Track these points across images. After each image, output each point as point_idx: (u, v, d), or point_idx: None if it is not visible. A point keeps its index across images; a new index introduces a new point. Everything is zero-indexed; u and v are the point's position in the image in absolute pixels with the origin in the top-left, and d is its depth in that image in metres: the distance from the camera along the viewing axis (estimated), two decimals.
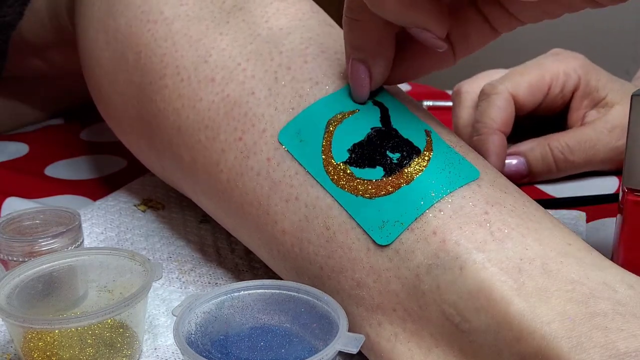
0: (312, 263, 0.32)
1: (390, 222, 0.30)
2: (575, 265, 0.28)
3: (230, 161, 0.35)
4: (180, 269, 0.42)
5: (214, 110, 0.36)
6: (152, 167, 0.45)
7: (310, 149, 0.33)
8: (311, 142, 0.33)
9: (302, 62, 0.36)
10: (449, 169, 0.31)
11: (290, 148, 0.33)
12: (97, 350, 0.32)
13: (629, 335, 0.25)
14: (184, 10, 0.40)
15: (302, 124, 0.33)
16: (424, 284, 0.29)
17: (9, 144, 0.66)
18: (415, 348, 0.29)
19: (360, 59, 0.32)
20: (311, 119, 0.33)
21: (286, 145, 0.33)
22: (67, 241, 0.39)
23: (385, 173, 0.31)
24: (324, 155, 0.32)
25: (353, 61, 0.33)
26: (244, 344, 0.31)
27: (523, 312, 0.26)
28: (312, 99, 0.34)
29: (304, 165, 0.33)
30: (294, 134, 0.33)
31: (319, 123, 0.33)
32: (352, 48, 0.32)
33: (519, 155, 0.54)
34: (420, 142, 0.32)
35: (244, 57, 0.37)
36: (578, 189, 0.54)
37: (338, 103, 0.33)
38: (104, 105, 0.47)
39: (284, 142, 0.33)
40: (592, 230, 0.47)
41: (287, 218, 0.33)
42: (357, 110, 0.33)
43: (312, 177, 0.32)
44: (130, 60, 0.41)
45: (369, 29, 0.31)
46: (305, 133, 0.33)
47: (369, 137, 0.32)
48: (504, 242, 0.28)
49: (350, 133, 0.32)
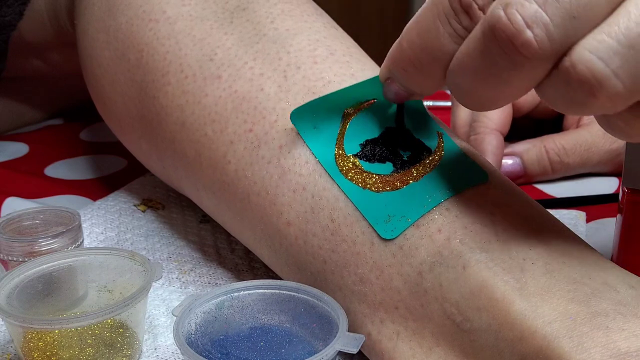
0: (316, 257, 0.32)
1: (396, 216, 0.30)
2: (577, 265, 0.28)
3: (240, 152, 0.35)
4: (180, 269, 0.42)
5: (221, 105, 0.37)
6: (152, 166, 0.45)
7: (323, 138, 0.33)
8: (325, 130, 0.33)
9: (312, 62, 0.36)
10: (458, 170, 0.31)
11: (302, 131, 0.33)
12: (97, 350, 0.32)
13: (630, 335, 0.25)
14: (186, 10, 0.40)
15: (319, 108, 0.33)
16: (426, 282, 0.29)
17: (9, 144, 0.65)
18: (417, 347, 0.29)
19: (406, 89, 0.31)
20: (329, 106, 0.33)
21: (298, 127, 0.33)
22: (67, 241, 0.39)
23: (395, 169, 0.31)
24: (337, 146, 0.32)
25: (393, 83, 0.31)
26: (244, 344, 0.31)
27: (524, 312, 0.26)
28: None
29: (314, 153, 0.33)
30: (308, 118, 0.33)
31: (336, 112, 0.33)
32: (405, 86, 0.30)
33: (514, 155, 0.54)
34: (432, 142, 0.32)
35: (250, 56, 0.37)
36: (578, 189, 0.54)
37: (356, 93, 0.33)
38: (103, 105, 0.47)
39: (296, 123, 0.33)
40: (592, 230, 0.47)
41: (293, 209, 0.33)
42: (374, 100, 0.33)
43: (322, 166, 0.32)
44: (132, 59, 0.41)
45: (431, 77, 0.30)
46: (321, 120, 0.33)
47: (381, 135, 0.32)
48: (507, 242, 0.28)
49: (365, 128, 0.33)
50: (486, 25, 0.24)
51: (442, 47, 0.27)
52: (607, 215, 0.49)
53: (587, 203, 0.51)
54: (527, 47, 0.23)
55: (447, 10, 0.26)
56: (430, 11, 0.27)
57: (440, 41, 0.27)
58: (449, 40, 0.26)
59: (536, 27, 0.23)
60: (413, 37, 0.28)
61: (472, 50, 0.25)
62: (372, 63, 0.38)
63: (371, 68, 0.37)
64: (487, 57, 0.24)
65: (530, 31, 0.23)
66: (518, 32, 0.23)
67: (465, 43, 0.26)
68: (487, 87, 0.25)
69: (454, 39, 0.26)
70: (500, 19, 0.23)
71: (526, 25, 0.23)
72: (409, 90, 0.30)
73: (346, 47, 0.38)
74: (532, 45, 0.23)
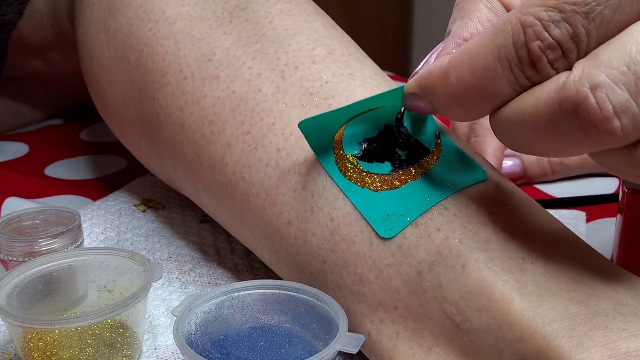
0: (315, 257, 0.32)
1: (395, 215, 0.30)
2: (577, 265, 0.28)
3: (237, 154, 0.35)
4: (180, 269, 0.42)
5: (219, 106, 0.37)
6: (152, 167, 0.45)
7: (322, 137, 0.32)
8: (326, 131, 0.32)
9: (310, 62, 0.36)
10: (457, 168, 0.31)
11: (306, 134, 0.31)
12: (97, 350, 0.32)
13: (630, 335, 0.25)
14: (186, 10, 0.40)
15: (326, 119, 0.32)
16: (425, 282, 0.29)
17: (9, 144, 0.65)
18: (416, 347, 0.29)
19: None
20: (336, 117, 0.32)
21: (304, 132, 0.31)
22: (67, 241, 0.39)
23: (393, 168, 0.31)
24: (335, 145, 0.32)
25: (420, 100, 0.29)
26: (244, 344, 0.31)
27: (524, 311, 0.26)
28: (324, 96, 0.34)
29: (314, 152, 0.32)
30: (314, 125, 0.32)
31: (341, 120, 0.32)
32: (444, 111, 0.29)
33: (514, 156, 0.54)
34: (430, 142, 0.32)
35: (248, 56, 0.37)
36: (578, 189, 0.54)
37: (369, 106, 0.32)
38: (103, 106, 0.47)
39: (303, 129, 0.31)
40: (592, 230, 0.47)
41: (293, 209, 0.33)
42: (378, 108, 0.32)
43: (321, 165, 0.32)
44: (132, 59, 0.41)
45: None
46: (325, 125, 0.32)
47: (380, 134, 0.32)
48: (507, 241, 0.28)
49: (363, 127, 0.32)
50: (568, 100, 0.23)
51: (497, 91, 0.25)
52: (607, 215, 0.49)
53: (587, 203, 0.51)
54: (611, 134, 0.22)
55: (512, 56, 0.24)
56: (491, 52, 0.25)
57: (497, 85, 0.25)
58: (507, 86, 0.25)
59: (625, 117, 0.22)
60: (465, 74, 0.25)
61: (541, 112, 0.24)
62: (372, 62, 0.38)
63: (370, 67, 0.37)
64: (560, 126, 0.23)
65: (618, 120, 0.22)
66: (605, 119, 0.22)
67: (534, 100, 0.24)
68: (546, 145, 0.24)
69: (513, 86, 0.25)
70: (587, 100, 0.22)
71: (615, 114, 0.22)
72: (439, 113, 0.28)
73: (345, 46, 0.38)
74: (617, 133, 0.22)
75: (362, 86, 0.35)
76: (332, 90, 0.34)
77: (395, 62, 1.91)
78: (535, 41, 0.23)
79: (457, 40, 0.29)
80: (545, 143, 0.24)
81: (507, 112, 0.25)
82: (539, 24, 0.23)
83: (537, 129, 0.24)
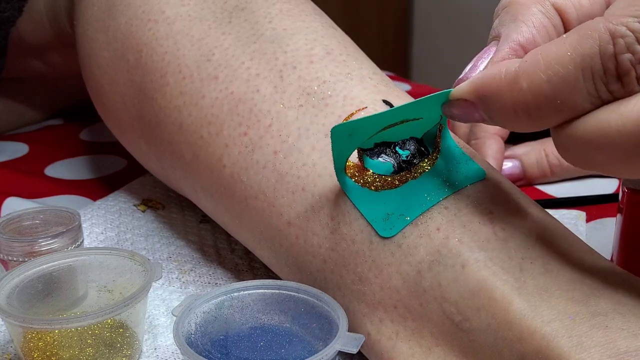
0: (315, 256, 0.32)
1: (395, 215, 0.30)
2: (576, 265, 0.28)
3: (234, 156, 0.35)
4: (180, 269, 0.42)
5: (218, 107, 0.37)
6: (151, 167, 0.45)
7: (350, 144, 0.31)
8: (356, 138, 0.30)
9: (308, 62, 0.36)
10: (456, 168, 0.31)
11: (334, 141, 0.30)
12: (97, 350, 0.32)
13: (630, 335, 0.25)
14: (185, 10, 0.40)
15: (359, 126, 0.30)
16: (425, 281, 0.29)
17: (9, 144, 0.65)
18: (416, 347, 0.29)
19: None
20: (370, 125, 0.30)
21: (333, 138, 0.30)
22: (67, 241, 0.39)
23: (394, 168, 0.31)
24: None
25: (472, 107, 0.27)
26: (244, 344, 0.31)
27: (524, 311, 0.26)
28: (321, 96, 0.34)
29: (334, 158, 0.30)
30: (346, 131, 0.30)
31: (375, 128, 0.31)
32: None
33: (514, 158, 0.54)
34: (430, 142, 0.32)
35: (247, 56, 0.37)
36: (578, 189, 0.54)
37: (402, 114, 0.30)
38: (103, 106, 0.47)
39: (333, 135, 0.30)
40: (592, 230, 0.47)
41: (293, 209, 0.33)
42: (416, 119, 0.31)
43: (320, 167, 0.32)
44: (131, 59, 0.41)
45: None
46: (357, 132, 0.30)
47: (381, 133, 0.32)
48: (506, 241, 0.28)
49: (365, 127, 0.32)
50: None
51: (574, 103, 0.23)
52: (607, 215, 0.49)
53: (587, 203, 0.51)
54: None
55: (597, 67, 0.22)
56: (573, 61, 0.23)
57: (575, 96, 0.23)
58: (586, 98, 0.23)
59: None
60: (539, 81, 0.24)
61: (629, 133, 0.22)
62: (370, 62, 0.38)
63: (368, 67, 0.37)
64: None
65: None
66: None
67: (620, 119, 0.22)
68: (623, 167, 0.23)
69: (592, 99, 0.23)
70: None
71: None
72: (493, 123, 0.26)
73: (343, 46, 0.38)
74: None
75: (360, 85, 0.35)
76: (329, 90, 0.34)
77: (395, 62, 1.91)
78: (625, 53, 0.22)
79: (512, 45, 0.27)
80: (624, 164, 0.23)
81: (584, 129, 0.23)
82: (632, 35, 0.22)
83: (619, 149, 0.23)
